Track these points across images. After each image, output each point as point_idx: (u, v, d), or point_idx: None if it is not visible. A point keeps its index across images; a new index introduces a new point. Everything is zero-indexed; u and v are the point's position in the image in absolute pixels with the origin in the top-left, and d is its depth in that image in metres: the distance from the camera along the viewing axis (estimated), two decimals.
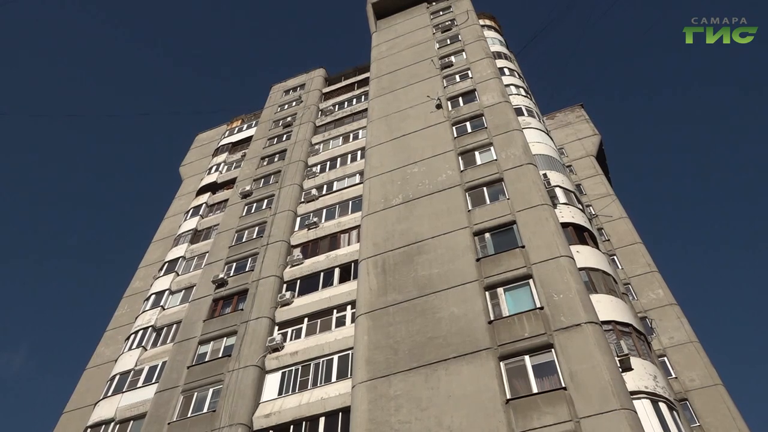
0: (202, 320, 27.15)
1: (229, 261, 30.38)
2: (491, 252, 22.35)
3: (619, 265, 35.68)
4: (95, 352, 30.60)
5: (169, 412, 23.15)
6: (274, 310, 25.73)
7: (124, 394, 25.83)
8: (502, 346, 18.61)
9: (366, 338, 21.15)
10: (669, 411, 16.71)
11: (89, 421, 25.49)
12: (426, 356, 19.38)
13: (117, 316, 32.61)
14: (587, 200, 40.70)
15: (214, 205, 37.80)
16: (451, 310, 20.57)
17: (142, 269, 35.71)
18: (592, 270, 21.09)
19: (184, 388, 23.90)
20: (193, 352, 25.62)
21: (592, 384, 16.37)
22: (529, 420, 16.28)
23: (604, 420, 15.44)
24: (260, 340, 24.18)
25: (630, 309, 20.61)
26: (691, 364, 29.47)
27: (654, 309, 32.68)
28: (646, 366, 17.91)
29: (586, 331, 17.82)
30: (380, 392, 18.98)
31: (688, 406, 27.49)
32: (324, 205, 31.37)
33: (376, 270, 23.87)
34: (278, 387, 22.48)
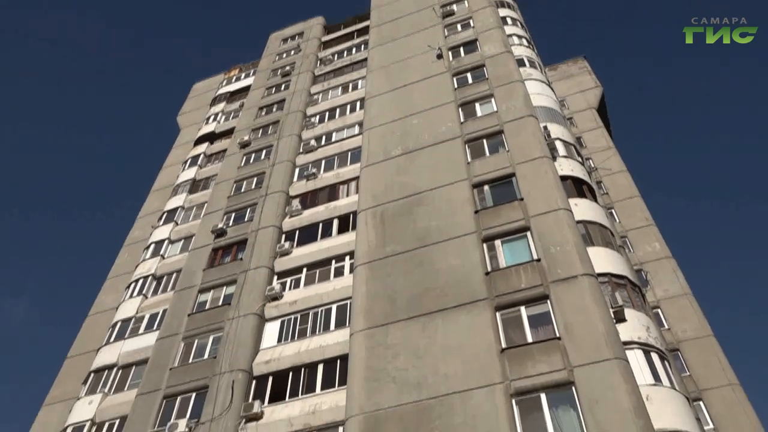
0: (201, 269, 27.41)
1: (228, 211, 30.45)
2: (490, 204, 22.41)
3: (616, 218, 35.81)
4: (96, 300, 30.97)
5: (170, 358, 23.61)
6: (273, 260, 25.95)
7: (126, 340, 26.30)
8: (498, 297, 18.87)
9: (364, 288, 21.40)
10: (660, 361, 17.07)
11: (92, 366, 26.03)
12: (423, 306, 19.65)
13: (117, 265, 32.88)
14: (587, 153, 40.54)
15: (212, 156, 37.65)
16: (449, 261, 20.75)
17: (141, 219, 35.80)
18: (590, 223, 21.18)
19: (185, 335, 24.32)
20: (193, 301, 25.97)
21: (586, 334, 16.67)
22: (523, 368, 16.64)
23: (596, 369, 15.78)
24: (259, 289, 24.47)
25: (626, 262, 20.80)
26: (684, 316, 29.92)
27: (650, 262, 32.97)
28: (640, 317, 18.20)
29: (582, 283, 18.04)
30: (378, 340, 19.33)
31: (679, 356, 28.04)
32: (323, 156, 31.25)
33: (375, 221, 23.97)
34: (277, 335, 22.87)
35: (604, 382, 15.43)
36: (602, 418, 14.76)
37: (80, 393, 25.07)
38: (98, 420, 23.37)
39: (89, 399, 24.28)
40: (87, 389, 25.10)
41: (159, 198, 36.38)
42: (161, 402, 22.03)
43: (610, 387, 15.26)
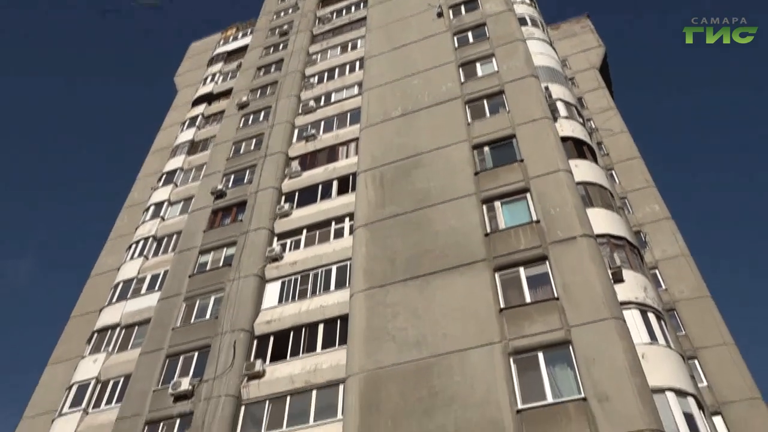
0: (201, 231, 27.50)
1: (227, 173, 30.38)
2: (490, 165, 22.35)
3: (616, 179, 35.78)
4: (98, 262, 31.18)
5: (172, 319, 23.89)
6: (273, 222, 26.01)
7: (128, 301, 26.57)
8: (497, 258, 18.99)
9: (364, 249, 21.51)
10: (657, 320, 17.28)
11: (96, 325, 26.35)
12: (422, 267, 19.79)
13: (118, 227, 32.99)
14: (588, 114, 40.23)
15: (211, 117, 37.36)
16: (448, 223, 20.81)
17: (140, 180, 35.75)
18: (590, 184, 21.17)
19: (186, 296, 24.56)
20: (193, 262, 26.13)
21: (584, 295, 16.83)
22: (521, 328, 16.86)
23: (593, 328, 15.99)
24: (260, 251, 24.60)
25: (625, 223, 20.87)
26: (681, 276, 30.17)
27: (649, 223, 33.09)
28: (638, 278, 18.35)
29: (581, 244, 18.13)
30: (377, 301, 19.53)
31: (675, 316, 28.38)
32: (322, 117, 31.01)
33: (375, 183, 23.94)
34: (278, 295, 23.08)
35: (601, 341, 15.65)
36: (598, 376, 15.02)
37: (84, 352, 25.45)
38: (103, 378, 23.77)
39: (93, 358, 24.67)
40: (91, 348, 25.47)
41: (158, 159, 36.26)
42: (164, 361, 22.38)
43: (607, 346, 15.48)
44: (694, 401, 15.53)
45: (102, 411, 22.60)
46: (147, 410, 20.85)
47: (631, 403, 14.22)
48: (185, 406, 20.29)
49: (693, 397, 15.61)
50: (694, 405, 15.42)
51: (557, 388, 15.48)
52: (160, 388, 21.39)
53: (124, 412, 21.35)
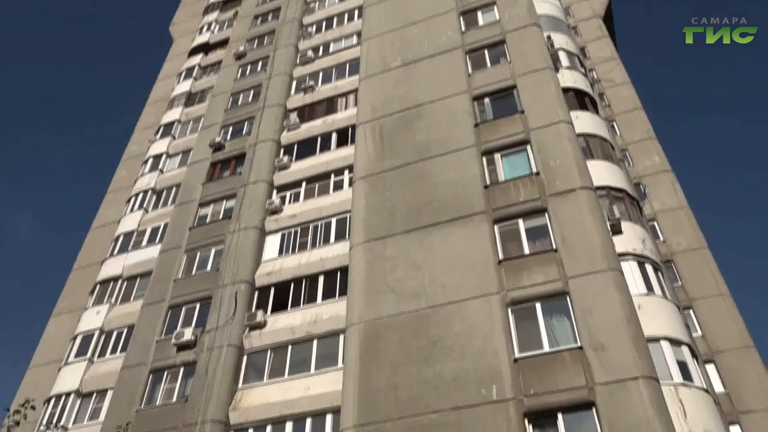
0: (200, 183, 27.47)
1: (225, 125, 30.14)
2: (490, 117, 22.16)
3: (617, 131, 35.53)
4: (98, 214, 31.24)
5: (173, 270, 24.11)
6: (272, 174, 25.96)
7: (129, 253, 26.75)
8: (496, 210, 19.03)
9: (363, 202, 21.53)
10: (654, 271, 17.45)
11: (98, 277, 26.63)
12: (422, 219, 19.86)
13: (116, 180, 32.92)
14: (591, 64, 39.62)
15: (207, 67, 36.80)
16: (448, 175, 20.77)
17: (137, 133, 35.48)
18: (591, 136, 21.04)
19: (187, 248, 24.72)
20: (193, 214, 26.19)
21: (582, 246, 16.95)
22: (519, 279, 17.04)
23: (591, 279, 16.16)
24: (259, 203, 24.63)
25: (625, 175, 20.83)
26: (679, 228, 30.31)
27: (649, 175, 33.04)
28: (636, 230, 18.44)
29: (580, 196, 18.15)
30: (377, 253, 19.67)
31: (672, 267, 28.65)
32: (320, 68, 30.57)
33: (374, 135, 23.79)
34: (278, 247, 23.24)
35: (598, 292, 15.85)
36: (594, 326, 15.27)
37: (88, 303, 25.79)
38: (107, 329, 24.16)
39: (97, 309, 25.01)
40: (94, 300, 25.80)
41: (155, 111, 35.90)
42: (167, 312, 22.70)
43: (604, 297, 15.69)
44: (687, 350, 15.82)
45: (107, 360, 23.07)
46: (151, 359, 21.27)
47: (626, 352, 14.50)
48: (188, 355, 20.68)
49: (687, 346, 15.89)
50: (687, 353, 15.72)
51: (554, 338, 15.76)
52: (164, 338, 21.75)
53: (128, 361, 21.78)
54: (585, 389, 14.32)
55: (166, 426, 18.94)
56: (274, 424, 18.10)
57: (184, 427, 18.61)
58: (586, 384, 14.38)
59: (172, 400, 20.00)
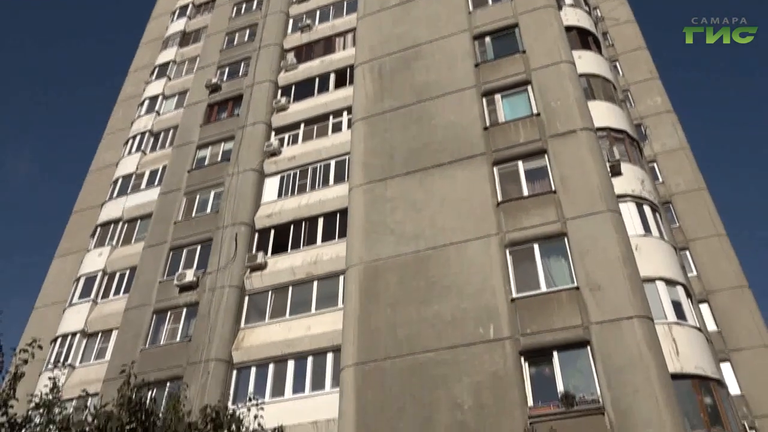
0: (198, 125, 27.22)
1: (221, 65, 29.62)
2: (491, 57, 21.75)
3: (620, 71, 34.95)
4: (96, 157, 31.08)
5: (173, 213, 24.19)
6: (270, 116, 25.70)
7: (129, 196, 26.78)
8: (496, 152, 18.95)
9: (362, 144, 21.40)
10: (652, 213, 17.53)
11: (99, 220, 26.74)
12: (421, 161, 19.79)
13: (113, 122, 32.57)
14: (595, 1, 38.58)
15: (201, 6, 35.78)
16: (448, 116, 20.57)
17: (132, 74, 34.85)
18: (592, 76, 20.71)
19: (186, 191, 24.72)
20: (192, 157, 26.07)
21: (581, 188, 16.97)
22: (518, 221, 17.14)
23: (589, 221, 16.26)
24: (258, 145, 24.49)
25: (626, 116, 20.64)
26: (679, 169, 30.24)
27: (650, 116, 32.70)
28: (635, 171, 18.41)
29: (580, 138, 18.04)
30: (376, 195, 19.70)
31: (670, 208, 28.75)
32: (317, 6, 29.78)
33: (373, 75, 23.41)
34: (277, 190, 23.25)
35: (596, 233, 15.97)
36: (591, 267, 15.46)
37: (89, 246, 25.99)
38: (109, 270, 24.43)
39: (99, 251, 25.22)
40: (95, 242, 25.99)
41: (149, 51, 35.17)
42: (168, 254, 22.90)
43: (601, 238, 15.82)
44: (682, 290, 16.07)
45: (110, 301, 23.44)
46: (154, 300, 21.62)
47: (621, 292, 14.74)
48: (191, 296, 21.00)
49: (682, 286, 16.14)
50: (682, 293, 15.97)
51: (551, 278, 15.98)
52: (166, 279, 22.03)
53: (131, 302, 22.13)
54: (580, 328, 14.62)
55: (171, 365, 19.42)
56: (276, 362, 18.56)
57: (188, 365, 19.08)
58: (582, 323, 14.67)
59: (175, 340, 20.43)
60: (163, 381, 18.82)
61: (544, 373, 14.70)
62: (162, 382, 18.76)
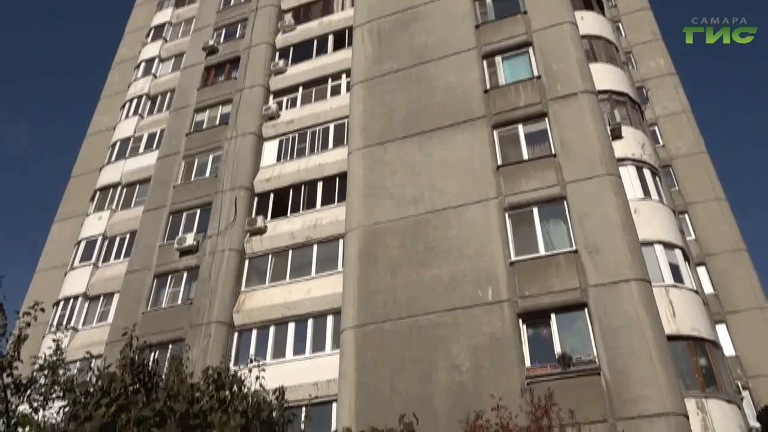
0: (195, 88, 26.94)
1: (217, 27, 29.16)
2: (491, 18, 21.39)
3: (623, 32, 34.46)
4: (93, 121, 30.86)
5: (172, 177, 24.13)
6: (268, 79, 25.42)
7: (127, 160, 26.67)
8: (496, 115, 18.80)
9: (361, 107, 21.22)
10: (652, 176, 17.50)
11: (97, 184, 26.70)
12: (420, 124, 19.65)
13: (109, 85, 32.23)
14: None
15: None
16: (447, 78, 20.35)
17: (128, 35, 34.32)
18: (595, 38, 20.42)
19: (185, 154, 24.62)
20: (189, 120, 25.88)
21: (582, 151, 16.89)
22: (517, 184, 17.11)
23: (589, 185, 16.24)
24: (256, 109, 24.28)
25: (628, 78, 20.43)
26: (680, 132, 30.10)
27: (652, 78, 32.39)
28: (636, 135, 18.32)
29: (581, 101, 17.88)
30: (376, 158, 19.62)
31: (670, 172, 28.70)
32: None
33: (372, 37, 23.07)
34: (276, 153, 23.15)
35: (595, 197, 15.96)
36: (590, 230, 15.50)
37: (89, 210, 26.01)
38: (109, 234, 24.51)
39: (98, 215, 25.25)
40: (95, 206, 26.00)
41: (144, 12, 34.59)
42: (168, 218, 22.94)
43: (601, 202, 15.82)
44: (680, 253, 16.16)
45: (111, 265, 23.57)
46: (155, 264, 21.73)
47: (620, 255, 14.81)
48: (191, 260, 21.11)
49: (680, 249, 16.22)
50: (680, 256, 16.07)
51: (550, 242, 16.04)
52: (166, 243, 22.11)
53: (132, 265, 22.25)
54: (578, 291, 14.73)
55: (173, 327, 19.63)
56: (276, 324, 18.76)
57: (189, 328, 19.30)
58: (580, 286, 14.78)
59: (177, 303, 20.62)
60: (165, 343, 19.08)
61: (541, 334, 14.87)
62: (164, 344, 19.02)
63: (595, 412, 12.89)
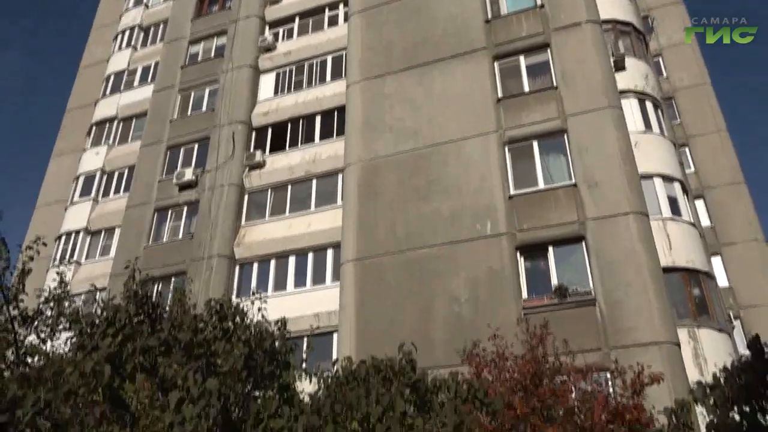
0: (189, 19, 26.22)
1: None
2: None
3: None
4: (86, 53, 30.18)
5: (168, 111, 23.84)
6: (263, 8, 24.70)
7: (122, 93, 26.26)
8: (497, 46, 18.42)
9: (359, 38, 20.74)
10: (654, 109, 17.30)
11: (93, 118, 26.39)
12: (420, 56, 19.27)
13: (100, 15, 31.31)
14: None
15: None
16: (448, 8, 19.80)
17: None
18: None
19: (181, 88, 24.22)
20: (184, 52, 25.32)
21: (584, 83, 16.65)
22: (517, 117, 16.95)
23: (590, 117, 16.09)
24: (251, 40, 23.71)
25: (633, 8, 19.86)
26: (684, 64, 29.50)
27: (658, 8, 31.45)
28: (640, 66, 17.98)
29: (585, 31, 17.48)
30: (375, 91, 19.34)
31: (673, 104, 28.33)
32: None
33: None
34: (273, 87, 22.79)
35: (596, 130, 15.85)
36: (590, 164, 15.47)
37: (86, 145, 25.81)
38: (108, 169, 24.43)
39: (96, 150, 25.10)
40: (92, 141, 25.80)
41: None
42: (165, 152, 22.80)
43: (601, 135, 15.72)
44: (679, 186, 16.18)
45: (111, 200, 23.60)
46: (154, 199, 21.77)
47: (619, 189, 14.85)
48: (191, 195, 21.13)
49: (679, 182, 16.23)
50: (679, 189, 16.10)
51: (549, 175, 16.04)
52: (165, 178, 22.07)
53: (132, 200, 22.29)
54: (576, 224, 14.85)
55: (175, 261, 19.86)
56: (277, 258, 18.98)
57: (191, 262, 19.53)
58: (578, 219, 14.89)
59: (178, 237, 20.78)
60: (167, 276, 19.36)
61: (539, 267, 15.09)
62: (167, 277, 19.30)
63: (589, 341, 13.22)
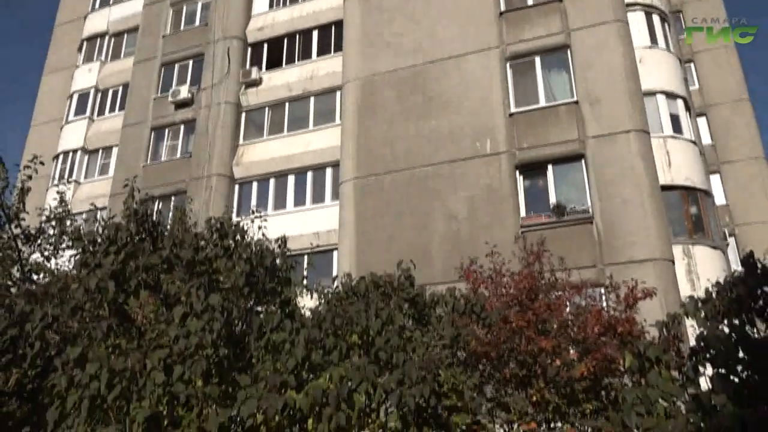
0: None
1: None
2: None
3: None
4: None
5: (160, 26, 23.14)
6: None
7: (112, 7, 25.42)
8: None
9: None
10: (660, 23, 16.79)
11: (83, 34, 25.64)
12: None
13: None
14: None
15: None
16: None
17: None
18: None
19: (172, 1, 23.40)
20: None
21: None
22: (520, 32, 16.47)
23: (594, 32, 15.65)
24: None
25: None
26: None
27: None
28: None
29: None
30: (373, 4, 18.70)
31: (680, 17, 27.48)
32: None
33: None
34: (268, 0, 22.02)
35: (600, 45, 15.44)
36: (593, 80, 15.18)
37: (78, 61, 25.21)
38: (102, 87, 23.98)
39: (88, 67, 24.54)
40: (83, 57, 25.19)
41: None
42: (160, 69, 22.31)
43: (606, 50, 15.33)
44: (682, 103, 15.96)
45: (107, 118, 23.32)
46: (150, 117, 21.48)
47: (620, 106, 14.64)
48: (187, 113, 20.85)
49: (682, 99, 16.00)
50: (681, 106, 15.88)
51: (551, 93, 15.78)
52: (160, 96, 21.70)
53: (128, 119, 22.01)
54: (576, 142, 14.74)
55: (174, 180, 19.86)
56: (276, 177, 18.97)
57: (191, 180, 19.52)
58: (578, 137, 14.76)
59: (176, 156, 20.67)
60: (167, 195, 19.42)
61: (537, 185, 15.12)
62: (166, 196, 19.36)
63: (585, 258, 13.44)
